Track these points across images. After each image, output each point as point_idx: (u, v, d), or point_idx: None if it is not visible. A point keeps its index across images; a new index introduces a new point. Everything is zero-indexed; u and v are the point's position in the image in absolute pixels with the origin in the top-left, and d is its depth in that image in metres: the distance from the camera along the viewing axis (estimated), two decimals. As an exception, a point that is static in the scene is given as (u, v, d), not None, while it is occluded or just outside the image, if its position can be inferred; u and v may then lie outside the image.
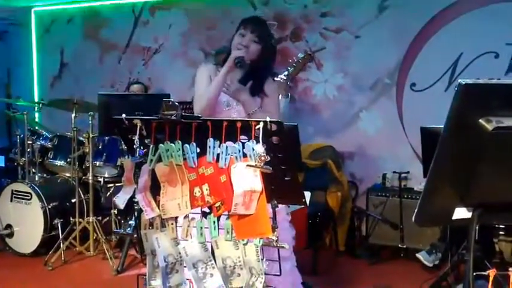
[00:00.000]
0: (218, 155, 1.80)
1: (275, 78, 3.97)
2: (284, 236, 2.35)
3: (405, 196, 4.43)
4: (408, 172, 4.59)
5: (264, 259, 1.79)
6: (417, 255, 4.07)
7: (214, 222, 1.84)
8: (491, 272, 1.72)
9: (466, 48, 4.57)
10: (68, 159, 4.63)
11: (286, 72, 4.04)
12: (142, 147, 1.92)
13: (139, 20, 6.03)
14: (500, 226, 3.83)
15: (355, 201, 4.94)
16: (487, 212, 1.61)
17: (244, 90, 2.55)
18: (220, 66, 2.55)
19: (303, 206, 3.39)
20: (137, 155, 1.92)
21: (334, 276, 4.10)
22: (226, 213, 1.82)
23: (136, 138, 1.89)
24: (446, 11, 4.66)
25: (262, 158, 1.71)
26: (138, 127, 1.89)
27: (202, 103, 2.49)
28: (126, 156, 4.09)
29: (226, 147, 1.78)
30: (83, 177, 4.60)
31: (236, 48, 2.51)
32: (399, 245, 4.37)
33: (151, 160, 1.90)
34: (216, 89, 2.48)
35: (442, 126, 1.44)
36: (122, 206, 1.97)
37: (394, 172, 4.61)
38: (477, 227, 1.65)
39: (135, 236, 3.91)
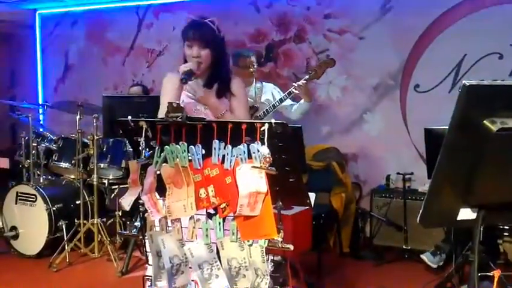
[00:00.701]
0: (223, 156, 1.81)
1: (296, 84, 3.99)
2: None
3: (409, 197, 4.43)
4: (412, 173, 4.59)
5: (270, 260, 1.80)
6: (421, 256, 4.06)
7: (219, 223, 1.85)
8: (496, 273, 1.72)
9: (470, 49, 4.57)
10: (73, 161, 4.65)
11: (306, 76, 4.05)
12: (148, 149, 1.93)
13: (143, 23, 6.05)
14: (505, 227, 3.83)
15: (359, 203, 4.95)
16: (492, 212, 1.61)
17: (211, 93, 2.50)
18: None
19: (307, 208, 3.41)
20: (143, 156, 1.93)
21: (339, 278, 4.10)
22: (231, 214, 1.83)
23: (142, 140, 1.91)
24: (449, 12, 4.66)
25: (267, 160, 1.72)
26: (144, 129, 1.90)
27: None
28: (131, 158, 4.11)
29: (232, 148, 1.79)
30: (88, 179, 4.62)
31: (189, 60, 2.48)
32: (403, 247, 4.37)
33: (157, 162, 1.91)
34: (175, 99, 2.38)
35: (446, 127, 1.44)
36: (127, 207, 1.98)
37: (398, 173, 4.61)
38: (481, 228, 1.66)
39: (141, 237, 3.92)
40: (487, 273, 1.78)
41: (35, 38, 6.67)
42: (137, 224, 4.06)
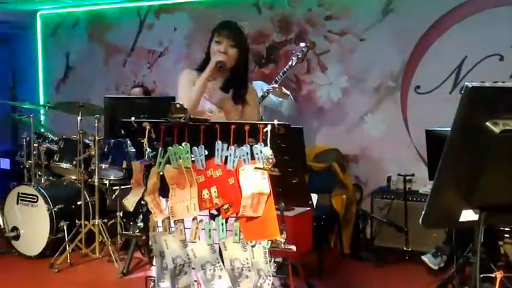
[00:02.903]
0: (226, 157, 1.82)
1: (266, 89, 4.03)
2: None
3: (410, 199, 4.43)
4: (413, 175, 4.59)
5: (272, 261, 1.81)
6: (422, 257, 4.07)
7: (222, 224, 1.86)
8: (498, 274, 1.73)
9: (470, 51, 4.58)
10: (74, 162, 4.65)
11: (276, 79, 4.10)
12: (151, 150, 1.94)
13: (144, 24, 6.06)
14: (506, 228, 3.83)
15: (360, 204, 4.95)
16: (494, 214, 1.62)
17: (227, 97, 2.55)
18: (201, 73, 2.54)
19: (308, 209, 3.42)
20: (146, 157, 1.93)
21: (339, 279, 4.10)
22: (234, 215, 1.83)
23: (145, 141, 1.91)
24: (450, 14, 4.67)
25: (270, 161, 1.73)
26: (147, 130, 1.91)
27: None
28: (132, 159, 4.12)
29: (235, 149, 1.80)
30: (89, 180, 4.62)
31: (216, 55, 2.51)
32: (404, 248, 4.37)
33: (160, 163, 1.92)
34: (197, 93, 2.48)
35: (447, 128, 1.45)
36: (131, 208, 1.99)
37: (399, 175, 4.61)
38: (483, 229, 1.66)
39: (144, 238, 3.94)
40: (489, 275, 1.79)
41: (37, 39, 6.68)
42: (140, 224, 4.09)
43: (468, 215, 1.59)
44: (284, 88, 4.19)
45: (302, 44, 4.14)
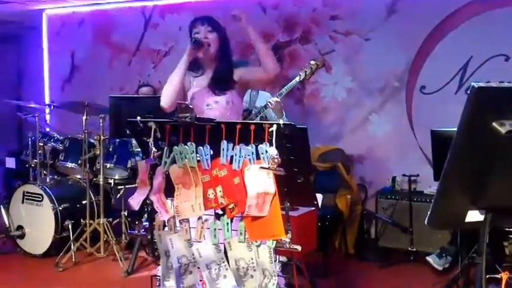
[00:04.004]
0: (232, 157, 1.82)
1: (267, 102, 4.02)
2: None
3: (415, 199, 4.41)
4: (418, 175, 4.58)
5: (277, 261, 1.81)
6: (427, 258, 4.06)
7: (227, 223, 1.86)
8: (504, 275, 1.72)
9: (476, 51, 4.56)
10: (79, 161, 4.66)
11: (281, 91, 4.06)
12: (156, 150, 1.94)
13: (149, 23, 6.06)
14: (511, 229, 3.81)
15: (365, 204, 4.94)
16: (500, 215, 1.61)
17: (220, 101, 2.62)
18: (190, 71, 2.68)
19: (313, 209, 3.41)
20: (152, 157, 1.94)
21: (344, 279, 4.10)
22: (239, 214, 1.83)
23: (151, 140, 1.92)
24: (455, 13, 4.65)
25: (275, 160, 1.73)
26: (153, 129, 1.91)
27: (168, 89, 2.60)
28: (138, 158, 4.12)
29: (240, 149, 1.80)
30: (94, 179, 4.63)
31: None
32: (409, 248, 4.36)
33: (166, 162, 1.92)
34: (178, 75, 2.61)
35: (453, 129, 1.44)
36: (136, 207, 1.99)
37: (404, 175, 4.60)
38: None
39: (148, 237, 3.94)
40: (495, 276, 1.78)
41: (42, 38, 6.69)
42: (145, 223, 4.09)
43: (474, 216, 1.59)
44: (282, 108, 4.13)
45: (312, 62, 4.08)
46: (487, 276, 1.69)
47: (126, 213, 4.64)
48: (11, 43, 6.97)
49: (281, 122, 3.95)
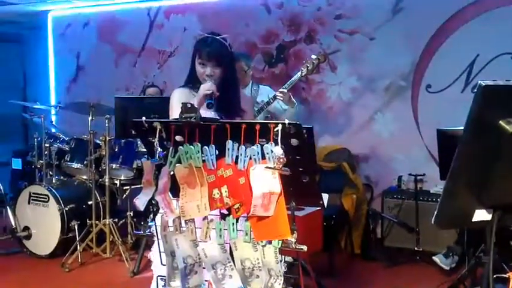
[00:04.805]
0: (237, 157, 1.81)
1: (274, 95, 4.00)
2: None
3: (421, 199, 4.40)
4: (424, 174, 4.57)
5: (283, 261, 1.80)
6: (434, 258, 4.04)
7: (233, 223, 1.85)
8: (511, 275, 1.71)
9: (482, 49, 4.54)
10: (85, 162, 4.68)
11: (284, 87, 4.03)
12: (162, 150, 1.94)
13: (154, 24, 6.08)
14: (518, 228, 3.79)
15: (371, 204, 4.93)
16: (507, 213, 1.60)
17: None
18: (193, 89, 2.48)
19: (318, 208, 3.40)
20: (157, 157, 1.94)
21: (350, 279, 4.09)
22: (245, 214, 1.83)
23: (156, 140, 1.91)
24: (461, 12, 4.63)
25: (281, 160, 1.72)
26: (158, 129, 1.91)
27: None
28: (144, 158, 4.12)
29: (245, 149, 1.79)
30: (100, 180, 4.64)
31: (203, 79, 2.45)
32: (415, 248, 4.34)
33: (171, 162, 1.92)
34: None
35: (459, 128, 1.44)
36: (142, 207, 1.99)
37: (410, 174, 4.59)
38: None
39: (154, 237, 3.93)
40: (502, 275, 1.77)
41: (47, 39, 6.72)
42: (151, 224, 4.09)
43: (481, 215, 1.58)
44: (292, 96, 4.10)
45: (313, 56, 4.05)
46: (494, 276, 1.67)
47: (132, 214, 4.64)
48: (16, 44, 7.00)
49: (290, 114, 3.99)
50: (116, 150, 4.61)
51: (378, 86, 5.00)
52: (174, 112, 2.43)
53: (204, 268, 1.96)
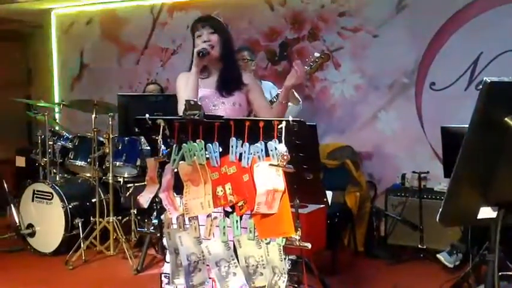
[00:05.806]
0: (241, 154, 1.81)
1: (277, 93, 3.98)
2: None
3: (425, 196, 4.39)
4: (428, 172, 4.55)
5: (287, 258, 1.80)
6: (438, 256, 4.03)
7: (236, 221, 1.85)
8: (516, 273, 1.70)
9: (486, 46, 4.52)
10: (88, 160, 4.68)
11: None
12: (165, 147, 1.94)
13: (157, 22, 6.07)
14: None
15: (374, 202, 4.91)
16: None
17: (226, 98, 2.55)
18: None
19: (322, 206, 3.40)
20: (160, 154, 1.93)
21: (353, 277, 4.08)
22: (248, 212, 1.82)
23: (159, 138, 1.91)
24: (465, 9, 4.62)
25: (285, 157, 1.72)
26: (162, 127, 1.91)
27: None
28: (147, 156, 4.12)
29: (249, 146, 1.79)
30: (103, 177, 4.65)
31: (198, 46, 2.54)
32: (419, 246, 4.33)
33: (175, 159, 1.92)
34: (192, 89, 2.45)
35: (463, 125, 1.43)
36: (145, 205, 1.99)
37: (414, 172, 4.57)
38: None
39: (158, 235, 3.95)
40: (507, 273, 1.76)
41: (51, 37, 6.72)
42: (154, 221, 4.10)
43: (486, 213, 1.57)
44: (296, 93, 4.08)
45: (316, 54, 4.02)
46: (499, 274, 1.67)
47: (135, 211, 4.65)
48: (20, 42, 7.00)
49: (295, 110, 3.98)
50: (120, 147, 4.61)
51: (381, 84, 4.98)
52: (179, 94, 2.54)
53: (207, 265, 1.96)
